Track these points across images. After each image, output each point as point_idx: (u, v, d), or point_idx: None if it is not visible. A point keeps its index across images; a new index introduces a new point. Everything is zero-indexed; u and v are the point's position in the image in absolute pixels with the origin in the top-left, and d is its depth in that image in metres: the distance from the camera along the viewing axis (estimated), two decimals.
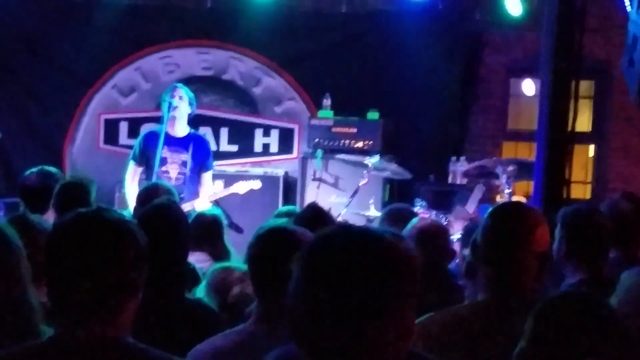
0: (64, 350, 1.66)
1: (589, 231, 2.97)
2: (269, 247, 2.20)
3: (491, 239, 2.25)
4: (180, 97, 5.56)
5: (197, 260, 3.89)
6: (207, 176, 5.69)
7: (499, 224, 2.27)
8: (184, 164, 5.56)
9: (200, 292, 3.11)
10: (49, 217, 3.86)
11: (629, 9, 4.13)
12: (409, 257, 1.38)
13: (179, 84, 5.87)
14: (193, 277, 3.36)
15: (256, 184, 5.82)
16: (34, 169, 4.16)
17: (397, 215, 3.89)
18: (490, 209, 2.36)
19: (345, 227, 1.44)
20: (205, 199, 5.50)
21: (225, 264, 3.38)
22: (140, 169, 5.64)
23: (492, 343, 2.07)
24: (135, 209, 3.83)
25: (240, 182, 5.79)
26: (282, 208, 4.46)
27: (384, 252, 1.36)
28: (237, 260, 3.63)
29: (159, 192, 3.83)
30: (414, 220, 3.45)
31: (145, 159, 5.58)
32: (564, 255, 2.99)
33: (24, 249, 2.02)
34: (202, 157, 5.64)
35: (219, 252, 4.00)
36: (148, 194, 3.83)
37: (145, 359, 1.70)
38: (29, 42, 7.39)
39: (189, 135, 5.66)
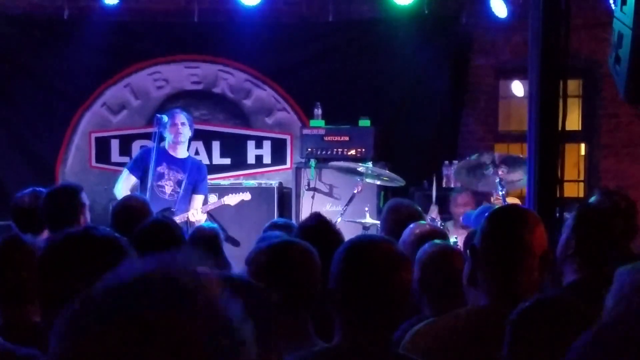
0: None
1: (602, 232, 2.97)
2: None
3: (491, 243, 2.24)
4: (183, 124, 5.80)
5: None
6: (197, 198, 5.87)
7: (498, 228, 2.27)
8: (179, 183, 5.77)
9: None
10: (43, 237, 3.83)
11: (613, 6, 4.15)
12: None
13: (177, 110, 6.03)
14: None
15: (246, 196, 6.00)
16: (26, 191, 4.15)
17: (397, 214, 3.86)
18: (488, 214, 2.36)
19: None
20: (198, 210, 5.66)
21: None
22: (132, 178, 5.75)
23: (494, 349, 2.06)
24: (114, 225, 3.73)
25: (231, 194, 5.99)
26: (276, 220, 4.44)
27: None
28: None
29: (139, 209, 3.82)
30: (412, 226, 3.42)
31: (142, 172, 5.74)
32: (571, 253, 2.98)
33: None
34: (196, 180, 5.85)
35: (219, 266, 3.99)
36: (126, 211, 3.81)
37: None
38: (17, 61, 7.39)
39: (188, 158, 5.93)
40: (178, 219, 5.27)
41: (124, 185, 5.76)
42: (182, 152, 5.87)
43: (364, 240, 2.05)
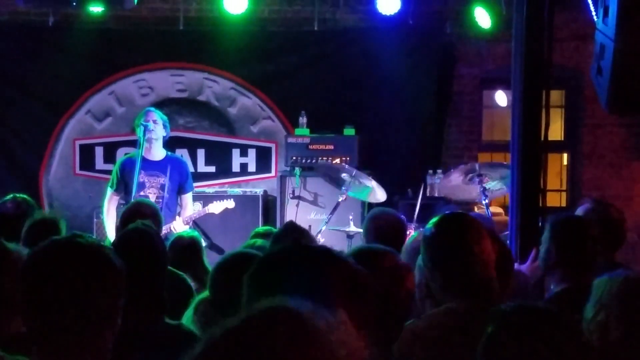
0: None
1: (580, 241, 2.98)
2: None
3: (437, 247, 2.31)
4: (155, 121, 5.62)
5: None
6: (186, 198, 5.75)
7: (447, 234, 2.33)
8: (162, 187, 5.60)
9: (187, 321, 2.97)
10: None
11: (595, 18, 4.20)
12: None
13: (152, 108, 5.92)
14: (187, 290, 3.36)
15: (230, 204, 5.91)
16: (7, 198, 4.15)
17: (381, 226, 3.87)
18: (432, 220, 2.41)
19: None
20: (180, 221, 5.52)
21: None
22: (117, 197, 5.67)
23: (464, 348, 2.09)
24: (118, 228, 3.82)
25: (215, 202, 5.89)
26: (258, 228, 4.46)
27: None
28: None
29: (142, 211, 3.82)
30: (414, 234, 3.47)
31: (123, 185, 5.63)
32: (552, 265, 3.00)
33: None
34: (180, 179, 5.70)
35: (199, 274, 3.98)
36: (132, 213, 3.83)
37: None
38: (0, 69, 7.34)
39: (165, 158, 5.72)
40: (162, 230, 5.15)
41: (111, 205, 5.64)
42: (157, 153, 5.67)
43: (367, 250, 2.05)
